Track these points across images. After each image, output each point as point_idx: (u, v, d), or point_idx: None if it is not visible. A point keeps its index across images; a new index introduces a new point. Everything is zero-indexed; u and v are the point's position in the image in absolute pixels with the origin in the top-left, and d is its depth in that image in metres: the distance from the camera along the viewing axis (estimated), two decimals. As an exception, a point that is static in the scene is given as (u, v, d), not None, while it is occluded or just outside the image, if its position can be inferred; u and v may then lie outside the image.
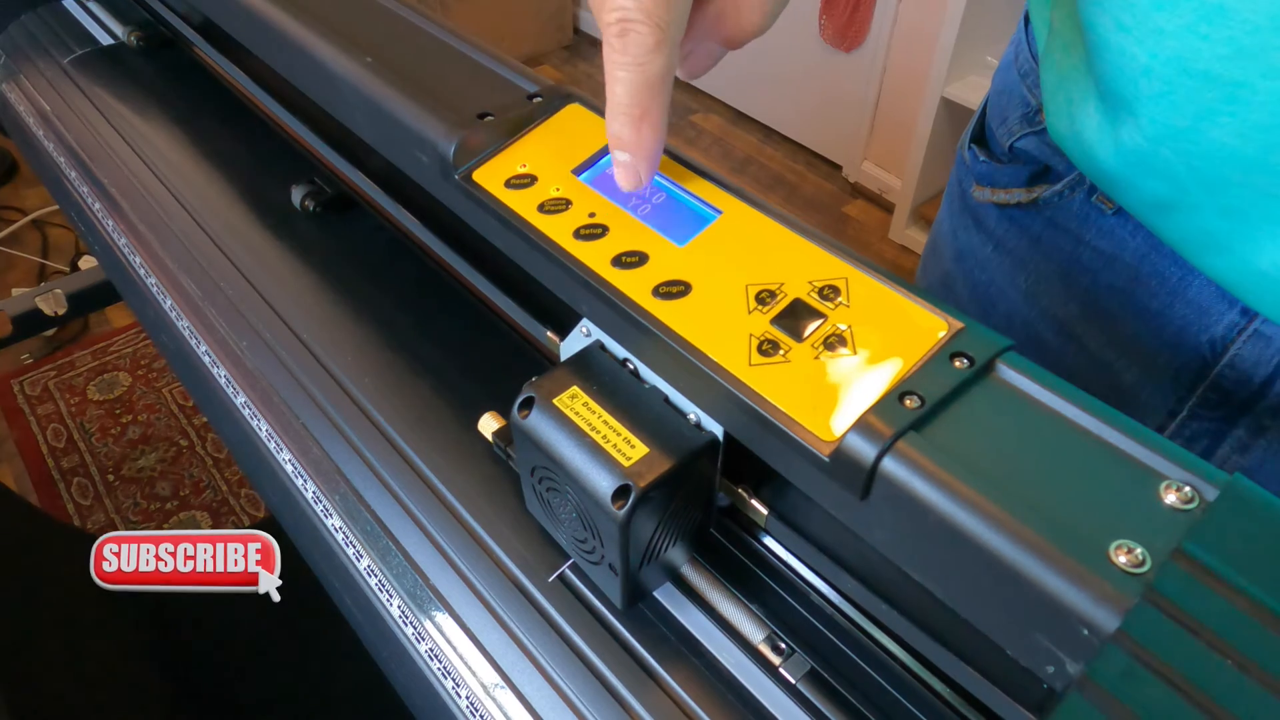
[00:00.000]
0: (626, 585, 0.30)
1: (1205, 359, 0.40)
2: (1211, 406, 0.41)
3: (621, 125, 0.27)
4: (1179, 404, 0.43)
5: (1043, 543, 0.20)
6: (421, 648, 0.35)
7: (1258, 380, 0.39)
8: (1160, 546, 0.19)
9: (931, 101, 1.67)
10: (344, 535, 0.39)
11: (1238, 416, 0.41)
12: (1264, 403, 0.39)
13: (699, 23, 0.28)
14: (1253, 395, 0.39)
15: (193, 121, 0.61)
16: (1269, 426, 0.40)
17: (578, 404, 0.29)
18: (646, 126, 0.26)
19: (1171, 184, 0.35)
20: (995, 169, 0.48)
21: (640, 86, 0.26)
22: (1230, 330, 0.39)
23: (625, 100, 0.26)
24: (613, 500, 0.27)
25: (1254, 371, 0.39)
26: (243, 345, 0.46)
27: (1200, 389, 0.41)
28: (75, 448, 1.49)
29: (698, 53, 0.29)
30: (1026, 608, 0.20)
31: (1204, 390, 0.41)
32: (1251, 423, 0.40)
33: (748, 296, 0.27)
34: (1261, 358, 0.38)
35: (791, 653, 0.31)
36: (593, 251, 0.29)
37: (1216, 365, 0.40)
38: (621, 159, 0.27)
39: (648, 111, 0.26)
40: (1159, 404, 0.43)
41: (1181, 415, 0.43)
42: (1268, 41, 0.28)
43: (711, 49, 0.29)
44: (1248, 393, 0.40)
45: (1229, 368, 0.39)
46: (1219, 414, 0.41)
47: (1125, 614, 0.18)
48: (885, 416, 0.22)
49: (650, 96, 0.26)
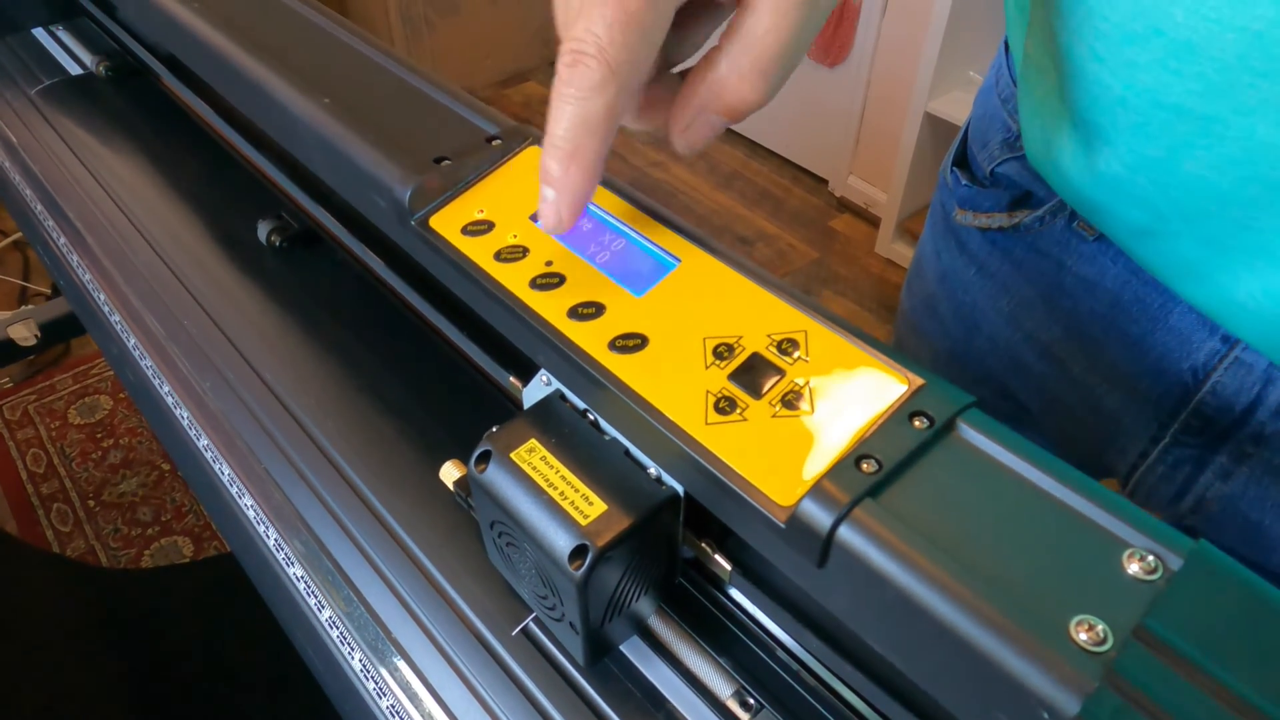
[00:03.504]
0: (588, 643, 0.30)
1: (1187, 386, 0.40)
2: (1194, 433, 0.41)
3: (551, 159, 0.25)
4: (1161, 430, 0.42)
5: (1002, 619, 0.19)
6: (383, 703, 0.34)
7: (1239, 407, 0.38)
8: (1122, 622, 0.19)
9: (915, 116, 1.67)
10: (305, 584, 0.38)
11: (1220, 444, 0.40)
12: (1246, 430, 0.39)
13: (699, 92, 0.27)
14: (1234, 422, 0.39)
15: (160, 154, 0.60)
16: (1251, 454, 0.40)
17: (535, 458, 0.29)
18: (575, 166, 0.25)
19: (1150, 212, 0.35)
20: (977, 193, 0.48)
21: (577, 122, 0.25)
22: (1212, 357, 0.38)
23: (559, 134, 0.25)
24: (570, 560, 0.26)
25: (1236, 399, 0.38)
26: (205, 386, 0.45)
27: (1182, 416, 0.41)
28: (55, 473, 1.47)
29: (698, 124, 0.27)
30: (985, 685, 0.19)
31: (1186, 417, 0.41)
32: (1234, 450, 0.40)
33: (705, 350, 0.26)
34: (1243, 385, 0.38)
35: (760, 708, 0.30)
36: (549, 302, 0.28)
37: (1198, 392, 0.40)
38: (546, 195, 0.26)
39: (579, 150, 0.25)
40: (1141, 430, 0.43)
41: (1164, 442, 0.42)
42: (1237, 79, 0.28)
43: (711, 120, 0.27)
44: (1229, 420, 0.39)
45: (1211, 395, 0.39)
46: (1201, 441, 0.41)
47: (1085, 698, 0.17)
48: (841, 482, 0.22)
49: (585, 134, 0.25)
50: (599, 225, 0.31)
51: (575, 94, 0.24)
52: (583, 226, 0.31)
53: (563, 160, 0.25)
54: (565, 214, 0.26)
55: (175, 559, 1.35)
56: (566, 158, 0.25)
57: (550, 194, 0.26)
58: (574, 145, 0.25)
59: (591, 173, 0.26)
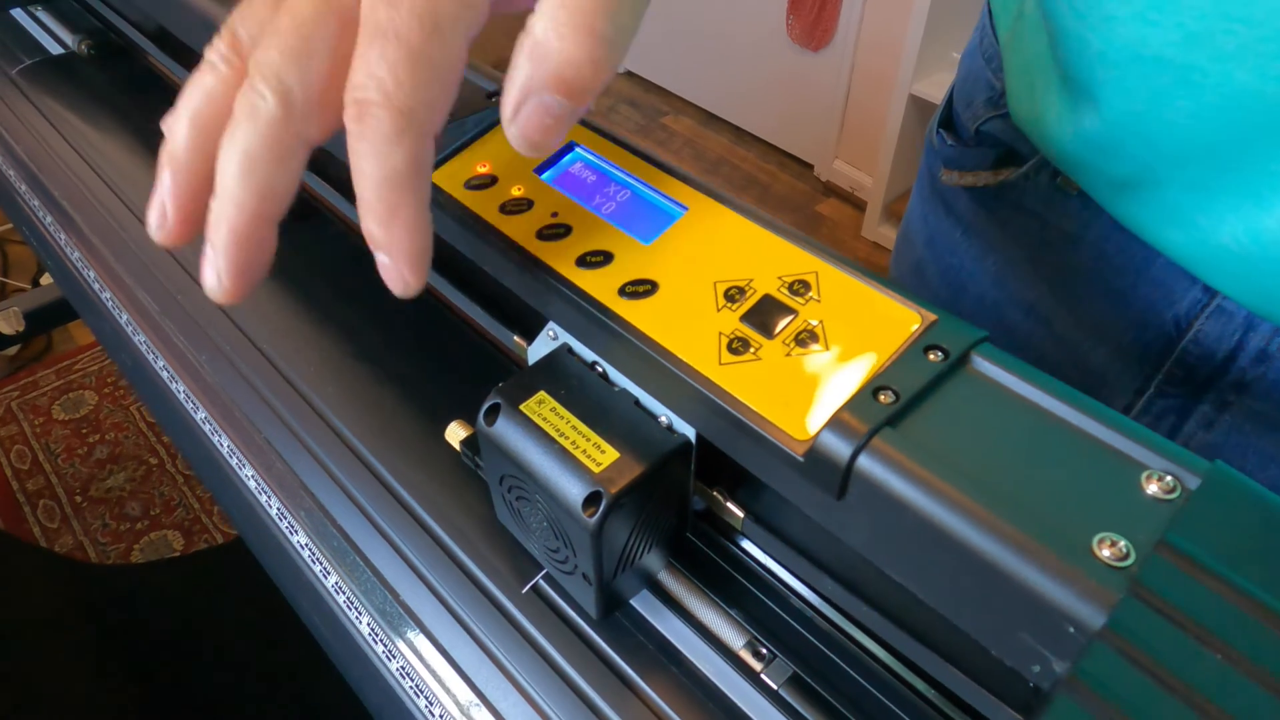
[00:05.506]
0: (601, 594, 0.30)
1: (1170, 336, 0.41)
2: (1177, 383, 0.42)
3: (371, 224, 0.22)
4: (1146, 382, 0.43)
5: (1024, 538, 0.19)
6: (393, 665, 0.34)
7: (1220, 356, 0.39)
8: (1144, 538, 0.19)
9: (900, 99, 1.68)
10: (310, 552, 0.37)
11: (1202, 393, 0.41)
12: (1227, 378, 0.40)
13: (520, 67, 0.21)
14: (1215, 371, 0.40)
15: (147, 131, 0.59)
16: (1232, 402, 0.40)
17: (545, 409, 0.28)
18: (399, 226, 0.22)
19: (1133, 163, 0.35)
20: (962, 152, 0.49)
21: (381, 181, 0.21)
22: (1194, 307, 0.39)
23: (370, 197, 0.22)
24: (584, 508, 0.26)
25: (1217, 347, 0.39)
26: (202, 359, 0.45)
27: (1166, 366, 0.42)
28: (41, 469, 1.46)
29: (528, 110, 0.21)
30: (1009, 606, 0.19)
31: (1169, 367, 0.41)
32: (1216, 398, 0.41)
33: (716, 294, 0.26)
34: (1224, 333, 0.39)
35: (773, 658, 0.30)
36: (556, 252, 0.28)
37: (1181, 342, 0.40)
38: (381, 260, 0.22)
39: (397, 209, 0.22)
40: (1126, 383, 0.44)
41: (1148, 393, 0.43)
42: (1214, 26, 0.29)
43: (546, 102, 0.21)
44: (1211, 368, 0.40)
45: (1193, 344, 0.40)
46: (1184, 391, 0.42)
47: (1111, 610, 0.17)
48: (860, 413, 0.22)
49: (397, 193, 0.21)
50: (603, 176, 0.30)
51: (370, 150, 0.21)
52: (587, 178, 0.31)
53: (384, 223, 0.22)
54: (411, 276, 0.23)
55: (165, 553, 1.34)
56: (387, 220, 0.22)
57: (384, 259, 0.22)
58: (389, 206, 0.22)
59: (419, 229, 0.22)
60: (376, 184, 0.21)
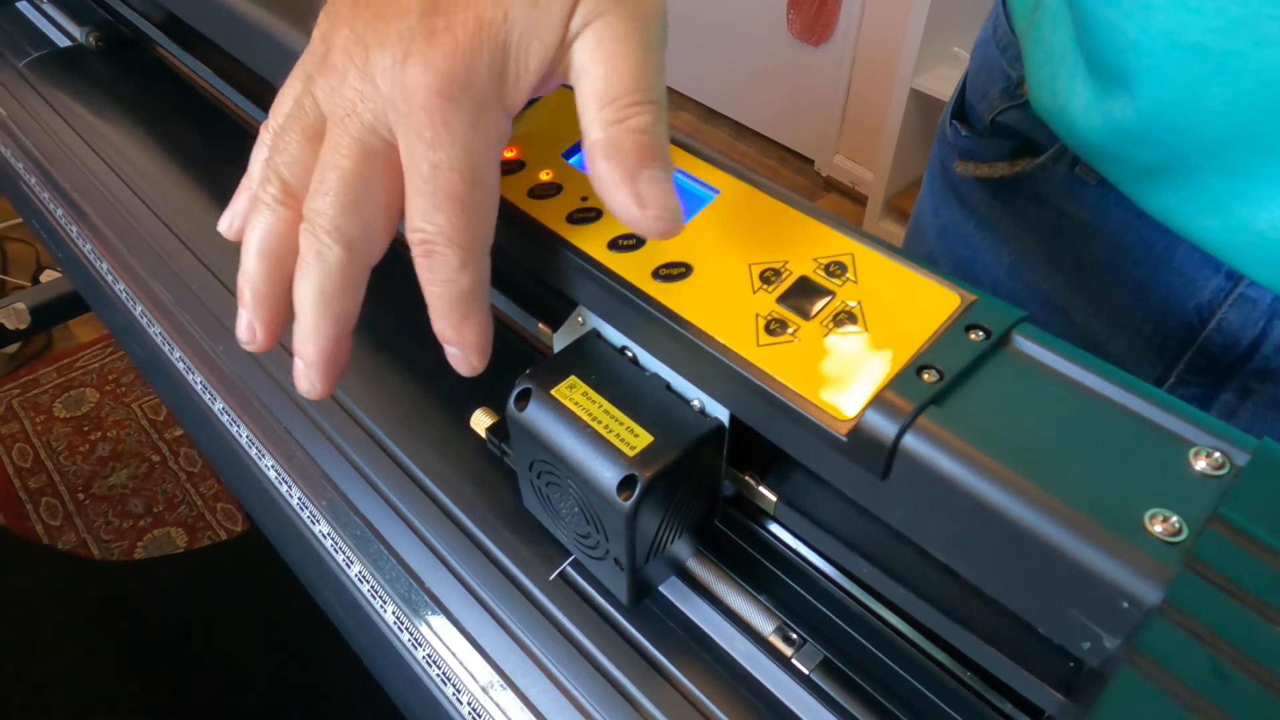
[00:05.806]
0: (633, 579, 0.29)
1: (1192, 325, 0.40)
2: (1198, 372, 0.41)
3: (444, 328, 0.26)
4: (1166, 371, 0.43)
5: (1076, 515, 0.19)
6: (419, 654, 0.34)
7: (1244, 343, 0.39)
8: (1196, 514, 0.19)
9: (901, 93, 1.67)
10: (333, 541, 0.37)
11: (1225, 381, 0.41)
12: (1250, 365, 0.40)
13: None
14: (1239, 358, 0.40)
15: (157, 122, 0.59)
16: (1255, 389, 0.40)
17: (576, 394, 0.28)
18: (468, 329, 0.26)
19: (1166, 151, 0.35)
20: (977, 144, 0.48)
21: (455, 302, 0.25)
22: (1216, 295, 0.39)
23: (442, 310, 0.26)
24: (618, 491, 0.26)
25: (1240, 335, 0.39)
26: (218, 350, 0.44)
27: (1187, 355, 0.41)
28: (43, 467, 1.45)
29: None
30: (1060, 583, 0.19)
31: (1191, 356, 0.41)
32: (1238, 386, 0.41)
33: (751, 276, 0.26)
34: (1248, 321, 0.38)
35: (804, 643, 0.30)
36: (588, 236, 0.28)
37: (1203, 330, 0.40)
38: (451, 352, 0.27)
39: (467, 316, 0.26)
40: (1146, 372, 0.44)
41: (1169, 382, 0.43)
42: (1259, 10, 0.28)
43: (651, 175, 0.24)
44: (1234, 356, 0.40)
45: (1216, 332, 0.40)
46: (1206, 379, 0.41)
47: (1168, 584, 0.17)
48: (904, 392, 0.21)
49: (466, 306, 0.25)
50: (632, 161, 0.30)
51: (443, 280, 0.25)
52: (616, 163, 0.30)
53: (455, 327, 0.26)
54: (477, 361, 0.27)
55: (168, 550, 1.33)
56: (458, 325, 0.26)
57: (454, 351, 0.27)
58: (460, 315, 0.26)
59: (485, 325, 0.26)
60: (449, 305, 0.25)
